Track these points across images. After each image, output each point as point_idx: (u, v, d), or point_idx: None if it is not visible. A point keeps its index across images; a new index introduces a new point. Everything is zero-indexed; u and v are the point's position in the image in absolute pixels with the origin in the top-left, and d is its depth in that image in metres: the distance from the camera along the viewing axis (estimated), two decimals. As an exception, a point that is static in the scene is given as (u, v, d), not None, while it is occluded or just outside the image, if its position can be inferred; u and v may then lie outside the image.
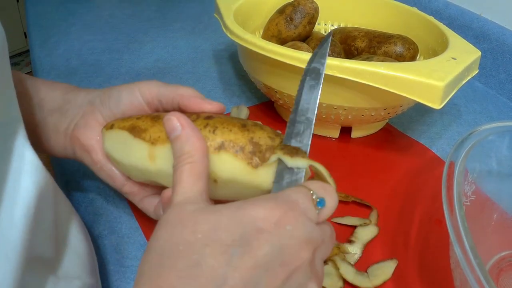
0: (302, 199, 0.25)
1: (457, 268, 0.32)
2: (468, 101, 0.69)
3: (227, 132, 0.31)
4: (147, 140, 0.33)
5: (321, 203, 0.26)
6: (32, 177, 0.27)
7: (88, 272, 0.34)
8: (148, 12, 0.94)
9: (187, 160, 0.28)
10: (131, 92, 0.36)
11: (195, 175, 0.27)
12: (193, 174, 0.27)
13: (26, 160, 0.27)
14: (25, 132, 0.28)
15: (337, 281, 0.38)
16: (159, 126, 0.33)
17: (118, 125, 0.35)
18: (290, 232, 0.24)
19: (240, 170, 0.30)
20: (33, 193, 0.27)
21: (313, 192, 0.26)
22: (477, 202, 0.39)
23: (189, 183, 0.27)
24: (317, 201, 0.26)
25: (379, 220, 0.45)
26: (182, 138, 0.29)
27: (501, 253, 0.41)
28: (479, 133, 0.39)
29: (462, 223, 0.30)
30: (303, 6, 0.59)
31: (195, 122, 0.32)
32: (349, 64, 0.44)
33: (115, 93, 0.37)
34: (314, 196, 0.26)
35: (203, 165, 0.28)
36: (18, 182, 0.26)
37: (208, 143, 0.30)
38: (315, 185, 0.27)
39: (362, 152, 0.55)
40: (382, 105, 0.49)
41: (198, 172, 0.28)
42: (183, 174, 0.27)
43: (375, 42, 0.59)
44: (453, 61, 0.46)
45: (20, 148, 0.27)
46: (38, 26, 0.85)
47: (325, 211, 0.26)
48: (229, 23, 0.53)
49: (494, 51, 0.71)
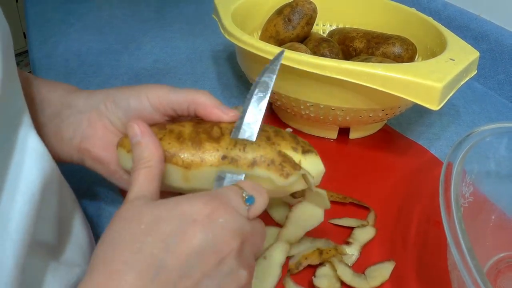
0: (233, 196, 0.29)
1: (454, 270, 0.32)
2: (467, 102, 0.69)
3: (256, 148, 0.33)
4: (180, 165, 0.33)
5: (249, 200, 0.29)
6: (36, 164, 0.29)
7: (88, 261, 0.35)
8: (147, 13, 0.94)
9: (144, 164, 0.31)
10: (140, 101, 0.35)
11: (150, 178, 0.30)
12: (148, 177, 0.30)
13: (30, 147, 0.29)
14: (31, 121, 0.29)
15: (335, 282, 0.37)
16: (187, 148, 0.33)
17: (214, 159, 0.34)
18: (221, 223, 0.27)
19: (273, 179, 0.33)
20: (37, 179, 0.28)
21: (243, 190, 0.29)
22: (475, 204, 0.38)
23: (144, 185, 0.30)
24: (246, 198, 0.29)
25: (376, 222, 0.45)
26: (142, 145, 0.31)
27: (500, 254, 0.41)
28: (477, 134, 0.39)
29: (460, 225, 0.30)
30: (301, 7, 0.59)
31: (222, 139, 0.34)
32: (347, 65, 0.44)
33: (123, 101, 0.36)
34: (244, 194, 0.29)
35: (158, 170, 0.31)
36: (21, 168, 0.27)
37: (241, 161, 0.33)
38: (246, 184, 0.30)
39: (360, 153, 0.55)
40: (380, 106, 0.49)
41: (153, 175, 0.30)
42: (140, 176, 0.30)
43: (374, 43, 0.59)
44: (451, 62, 0.46)
45: (25, 136, 0.28)
46: (37, 27, 0.85)
47: (254, 208, 0.29)
48: (227, 24, 0.53)
49: (492, 51, 0.70)
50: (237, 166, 0.33)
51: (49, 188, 0.30)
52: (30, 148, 0.29)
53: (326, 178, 0.49)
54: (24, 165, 0.28)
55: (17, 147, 0.28)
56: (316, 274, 0.38)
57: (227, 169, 0.33)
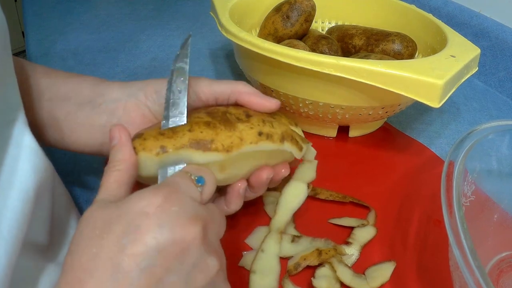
0: (182, 180, 0.28)
1: (456, 271, 0.32)
2: (468, 99, 0.69)
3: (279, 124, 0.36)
4: (220, 150, 0.32)
5: (200, 181, 0.29)
6: (30, 162, 0.28)
7: None
8: (144, 11, 0.93)
9: (116, 167, 0.30)
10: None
11: (119, 182, 0.29)
12: (118, 181, 0.29)
13: (25, 145, 0.28)
14: (25, 119, 0.29)
15: (334, 283, 0.37)
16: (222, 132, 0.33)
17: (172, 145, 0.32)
18: (176, 211, 0.25)
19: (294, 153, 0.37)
20: (31, 177, 0.28)
21: (190, 173, 0.29)
22: (477, 202, 0.38)
23: (111, 188, 0.29)
24: (196, 179, 0.29)
25: (377, 221, 0.44)
26: (116, 148, 0.31)
27: (501, 254, 0.40)
28: (478, 132, 0.39)
29: (461, 224, 0.30)
30: (300, 4, 0.58)
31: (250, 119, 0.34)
32: (346, 62, 0.44)
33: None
34: (192, 176, 0.29)
35: (128, 174, 0.30)
36: (15, 165, 0.27)
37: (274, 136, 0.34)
38: (190, 168, 0.30)
39: (360, 152, 0.54)
40: (380, 104, 0.49)
41: (122, 180, 0.29)
42: (110, 178, 0.29)
43: (373, 40, 0.58)
44: (452, 59, 0.46)
45: (20, 134, 0.28)
46: (35, 25, 0.84)
47: (206, 188, 0.29)
48: (225, 21, 0.52)
49: (493, 48, 0.70)
50: (273, 141, 0.34)
51: (42, 186, 0.29)
52: (25, 145, 0.28)
53: (325, 177, 0.49)
54: (19, 162, 0.27)
55: (12, 143, 0.27)
56: (315, 275, 0.38)
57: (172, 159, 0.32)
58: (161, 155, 0.31)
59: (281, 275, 0.38)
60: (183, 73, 0.35)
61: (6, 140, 0.27)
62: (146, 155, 0.32)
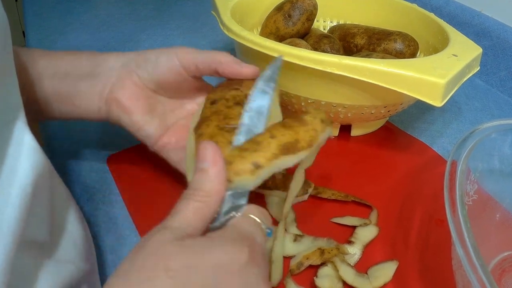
0: (257, 232, 0.27)
1: (459, 269, 0.32)
2: (469, 98, 0.69)
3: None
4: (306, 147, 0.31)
5: (269, 234, 0.28)
6: (30, 159, 0.28)
7: (84, 258, 0.35)
8: (145, 11, 0.93)
9: (201, 199, 0.27)
10: (170, 57, 0.38)
11: (201, 216, 0.27)
12: (200, 214, 0.26)
13: (25, 144, 0.28)
14: (25, 118, 0.29)
15: (337, 282, 0.37)
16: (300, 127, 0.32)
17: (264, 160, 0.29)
18: (256, 273, 0.25)
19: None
20: (30, 174, 0.27)
21: (262, 222, 0.27)
22: (479, 202, 0.38)
23: (190, 219, 0.26)
24: (267, 232, 0.27)
25: (379, 220, 0.44)
26: (207, 175, 0.27)
27: (504, 253, 0.40)
28: (481, 131, 0.39)
29: (465, 223, 0.30)
30: (302, 3, 0.58)
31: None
32: (348, 61, 0.43)
33: (153, 57, 0.38)
34: (263, 226, 0.27)
35: (212, 210, 0.27)
36: (16, 164, 0.27)
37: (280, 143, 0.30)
38: (259, 214, 0.28)
39: (361, 151, 0.54)
40: (382, 103, 0.48)
41: (205, 214, 0.27)
42: (190, 208, 0.26)
43: (375, 39, 0.58)
44: (454, 58, 0.46)
45: (20, 133, 0.28)
46: (36, 25, 0.84)
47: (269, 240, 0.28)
48: (226, 20, 0.52)
49: (494, 48, 0.70)
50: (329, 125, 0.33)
51: (41, 183, 0.29)
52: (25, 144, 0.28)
53: (327, 176, 0.49)
54: (19, 160, 0.27)
55: (13, 142, 0.27)
56: (318, 274, 0.38)
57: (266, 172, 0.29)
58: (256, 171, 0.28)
59: (284, 274, 0.38)
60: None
61: (7, 139, 0.27)
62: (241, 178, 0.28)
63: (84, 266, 0.34)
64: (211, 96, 0.39)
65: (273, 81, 0.36)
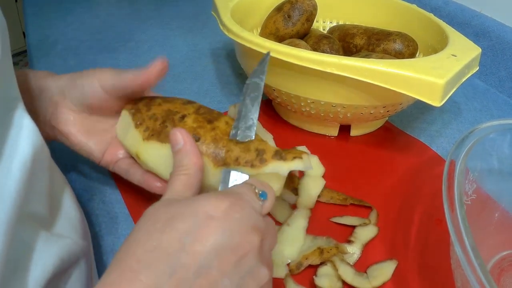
0: (247, 192, 0.29)
1: (458, 269, 0.32)
2: (468, 98, 0.69)
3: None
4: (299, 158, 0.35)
5: (263, 195, 0.29)
6: (29, 138, 0.30)
7: (80, 235, 0.36)
8: (145, 11, 0.93)
9: (183, 172, 0.31)
10: (92, 84, 0.39)
11: (187, 186, 0.31)
12: (186, 184, 0.31)
13: (24, 126, 0.30)
14: (24, 106, 0.31)
15: (336, 282, 0.37)
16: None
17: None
18: (239, 219, 0.26)
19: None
20: (29, 151, 0.29)
21: (254, 186, 0.30)
22: (478, 201, 0.38)
23: (179, 190, 0.30)
24: (260, 193, 0.29)
25: (378, 220, 0.44)
26: (182, 152, 0.32)
27: (502, 252, 0.40)
28: (479, 131, 0.39)
29: (463, 222, 0.30)
30: (301, 4, 0.58)
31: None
32: (347, 61, 0.44)
33: (79, 83, 0.39)
34: (256, 190, 0.30)
35: (196, 179, 0.32)
36: (16, 142, 0.29)
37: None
38: (255, 182, 0.31)
39: (361, 151, 0.54)
40: (382, 103, 0.49)
41: (190, 183, 0.31)
42: (177, 182, 0.31)
43: (374, 39, 0.58)
44: (453, 58, 0.46)
45: (20, 117, 0.30)
46: (36, 26, 0.84)
47: (267, 203, 0.30)
48: (226, 20, 0.53)
49: (494, 48, 0.70)
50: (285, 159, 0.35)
51: (40, 160, 0.31)
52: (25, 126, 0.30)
53: (327, 176, 0.49)
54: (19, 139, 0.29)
55: (14, 126, 0.29)
56: (318, 274, 0.38)
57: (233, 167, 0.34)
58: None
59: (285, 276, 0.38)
60: (257, 88, 0.37)
61: (8, 124, 0.29)
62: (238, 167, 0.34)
63: (82, 242, 0.36)
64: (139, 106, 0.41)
65: (263, 73, 0.38)
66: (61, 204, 0.36)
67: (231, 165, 0.34)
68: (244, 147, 0.34)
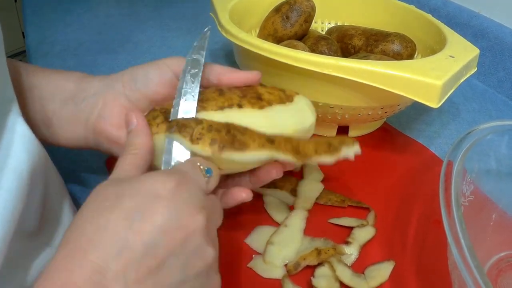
0: (193, 169, 0.29)
1: (455, 270, 0.32)
2: (467, 99, 0.69)
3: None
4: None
5: (208, 172, 0.30)
6: (24, 146, 0.29)
7: None
8: (144, 12, 0.93)
9: (132, 151, 0.31)
10: (162, 70, 0.36)
11: (134, 165, 0.30)
12: (133, 164, 0.30)
13: (19, 132, 0.29)
14: (19, 110, 0.30)
15: (334, 282, 0.37)
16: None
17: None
18: (185, 198, 0.26)
19: None
20: (24, 160, 0.29)
21: (199, 163, 0.30)
22: (476, 202, 0.38)
23: (126, 169, 0.30)
24: (205, 170, 0.30)
25: (376, 221, 0.44)
26: (134, 132, 0.32)
27: (500, 253, 0.40)
28: (477, 132, 0.39)
29: (460, 224, 0.30)
30: (300, 5, 0.58)
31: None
32: (345, 62, 0.44)
33: (141, 73, 0.36)
34: (201, 167, 0.30)
35: (144, 160, 0.31)
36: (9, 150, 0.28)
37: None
38: (199, 159, 0.30)
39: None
40: (380, 104, 0.49)
41: (137, 164, 0.30)
42: (125, 161, 0.30)
43: (372, 40, 0.58)
44: (451, 59, 0.46)
45: (13, 122, 0.29)
46: (35, 26, 0.84)
47: (212, 180, 0.30)
48: (224, 22, 0.53)
49: (492, 49, 0.70)
50: None
51: (36, 170, 0.30)
52: (19, 132, 0.29)
53: (325, 176, 0.49)
54: (13, 146, 0.28)
55: (6, 131, 0.28)
56: (315, 274, 0.38)
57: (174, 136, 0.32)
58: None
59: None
60: (198, 64, 0.36)
61: (1, 128, 0.28)
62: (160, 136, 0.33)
63: None
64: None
65: (203, 49, 0.38)
66: (56, 213, 0.35)
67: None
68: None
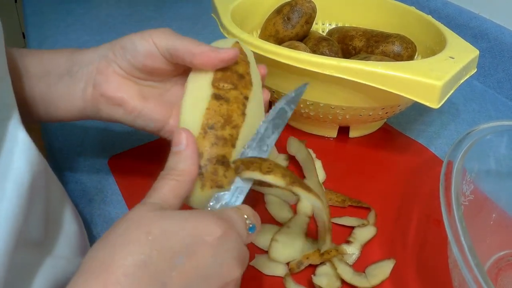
0: (239, 221, 0.28)
1: (455, 268, 0.32)
2: (467, 100, 0.69)
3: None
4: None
5: (252, 229, 0.29)
6: (25, 155, 0.28)
7: (77, 252, 0.35)
8: (145, 12, 0.93)
9: (176, 177, 0.29)
10: (145, 40, 0.35)
11: (174, 193, 0.29)
12: (175, 191, 0.29)
13: (19, 140, 0.28)
14: (19, 116, 0.29)
15: (335, 281, 0.37)
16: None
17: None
18: (229, 249, 0.26)
19: None
20: (26, 170, 0.28)
21: (247, 217, 0.29)
22: (476, 202, 0.38)
23: (166, 196, 0.28)
24: (250, 226, 0.29)
25: (377, 220, 0.45)
26: (181, 156, 0.30)
27: (500, 252, 0.41)
28: (477, 132, 0.39)
29: (460, 223, 0.30)
30: (301, 6, 0.58)
31: None
32: (346, 63, 0.44)
33: (129, 44, 0.36)
34: (248, 221, 0.29)
35: (186, 189, 0.30)
36: (10, 159, 0.27)
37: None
38: (248, 211, 0.30)
39: (360, 152, 0.55)
40: (380, 105, 0.49)
41: (179, 192, 0.29)
42: (166, 186, 0.29)
43: (373, 41, 0.58)
44: (451, 60, 0.46)
45: (14, 130, 0.28)
46: (36, 27, 0.84)
47: (252, 236, 0.29)
48: (226, 22, 0.53)
49: (492, 50, 0.70)
50: None
51: (37, 179, 0.29)
52: (20, 140, 0.28)
53: (326, 177, 0.49)
54: (14, 156, 0.28)
55: (7, 139, 0.28)
56: (316, 273, 0.38)
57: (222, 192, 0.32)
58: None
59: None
60: (284, 117, 0.36)
61: (1, 136, 0.27)
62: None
63: (79, 259, 0.35)
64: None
65: (294, 103, 0.38)
66: (58, 222, 0.34)
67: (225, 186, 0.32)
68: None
